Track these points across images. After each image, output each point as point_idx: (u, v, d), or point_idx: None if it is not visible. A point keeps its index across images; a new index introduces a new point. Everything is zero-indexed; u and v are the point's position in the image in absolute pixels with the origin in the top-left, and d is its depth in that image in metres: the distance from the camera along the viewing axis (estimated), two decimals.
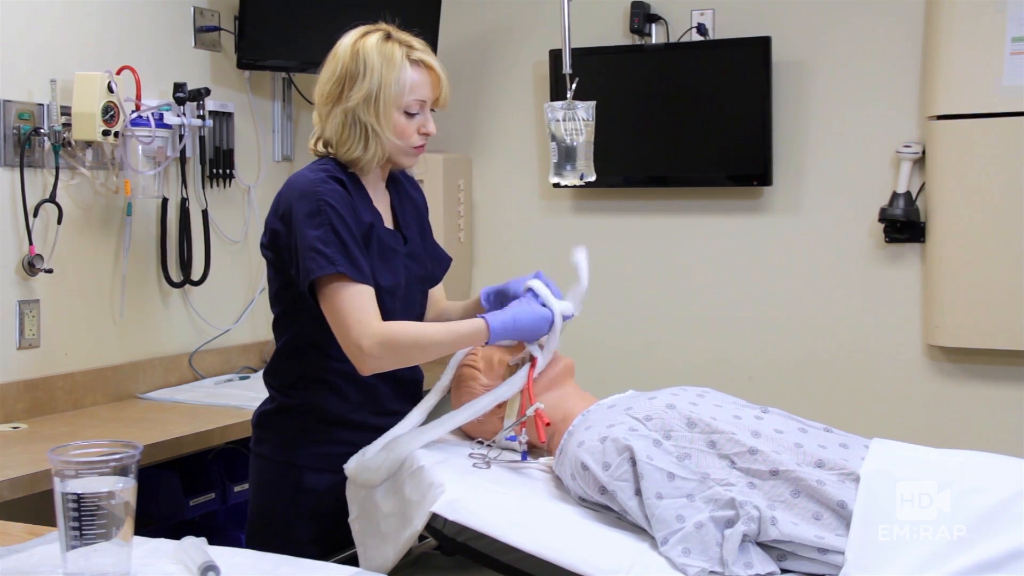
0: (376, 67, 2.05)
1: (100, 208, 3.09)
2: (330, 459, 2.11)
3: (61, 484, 1.35)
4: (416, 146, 2.12)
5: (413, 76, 2.08)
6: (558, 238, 3.79)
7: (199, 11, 3.42)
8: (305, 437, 2.13)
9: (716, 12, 3.52)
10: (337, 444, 2.11)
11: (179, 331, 3.38)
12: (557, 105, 2.30)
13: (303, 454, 2.13)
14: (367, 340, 1.94)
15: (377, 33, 2.10)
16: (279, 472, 2.15)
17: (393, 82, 2.05)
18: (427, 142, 2.14)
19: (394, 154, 2.12)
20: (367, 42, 2.08)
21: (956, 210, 3.17)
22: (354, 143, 2.08)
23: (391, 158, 2.13)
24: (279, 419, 2.16)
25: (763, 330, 3.52)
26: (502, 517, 1.82)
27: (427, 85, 2.10)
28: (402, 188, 2.27)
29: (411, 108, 2.09)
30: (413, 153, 2.14)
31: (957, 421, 3.28)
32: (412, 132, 2.10)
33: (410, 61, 2.08)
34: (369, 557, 2.01)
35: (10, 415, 2.80)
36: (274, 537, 2.09)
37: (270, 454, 2.17)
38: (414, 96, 2.08)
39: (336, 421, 2.12)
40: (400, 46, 2.08)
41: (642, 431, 1.86)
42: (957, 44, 3.13)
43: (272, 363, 2.20)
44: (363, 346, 1.94)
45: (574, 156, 2.31)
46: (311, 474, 2.12)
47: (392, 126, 2.07)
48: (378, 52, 2.06)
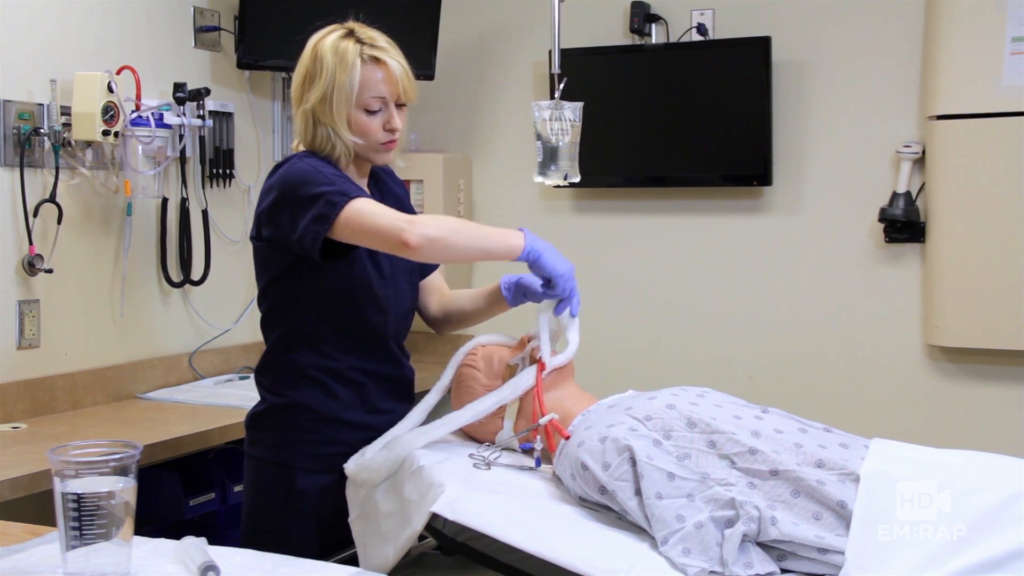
0: (329, 67, 2.06)
1: (100, 208, 3.09)
2: (322, 459, 2.11)
3: (61, 484, 1.35)
4: (383, 142, 2.11)
5: (367, 74, 2.06)
6: (558, 238, 3.74)
7: (199, 11, 3.42)
8: (296, 437, 2.13)
9: (716, 12, 3.53)
10: (329, 444, 2.11)
11: (179, 331, 3.38)
12: (544, 104, 2.30)
13: (295, 455, 2.13)
14: (412, 237, 1.92)
15: (338, 31, 2.10)
16: (272, 473, 2.15)
17: (345, 81, 2.05)
18: (398, 137, 2.12)
19: (362, 152, 2.12)
20: (325, 42, 2.09)
21: (956, 210, 3.17)
22: (322, 142, 2.09)
23: (361, 155, 2.13)
24: (270, 420, 2.16)
25: (763, 330, 3.52)
26: (502, 517, 1.82)
27: (383, 82, 2.08)
28: (384, 184, 2.27)
29: (370, 106, 2.08)
30: (382, 149, 2.13)
31: (957, 421, 3.28)
32: (376, 129, 2.09)
33: (364, 59, 2.06)
34: (369, 557, 2.01)
35: (10, 415, 2.80)
36: (268, 539, 2.07)
37: (262, 455, 2.18)
38: (370, 94, 2.07)
39: (327, 419, 2.12)
40: (356, 43, 2.07)
41: (642, 431, 1.86)
42: (957, 44, 3.13)
43: (263, 361, 2.19)
44: (409, 243, 1.93)
45: (559, 156, 2.31)
46: (303, 475, 2.12)
47: (350, 125, 2.07)
48: (332, 51, 2.06)
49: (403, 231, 1.92)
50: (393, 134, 2.11)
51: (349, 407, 2.13)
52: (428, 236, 1.94)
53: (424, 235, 1.93)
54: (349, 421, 2.12)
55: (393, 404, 2.18)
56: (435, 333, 2.42)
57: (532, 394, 2.10)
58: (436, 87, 3.71)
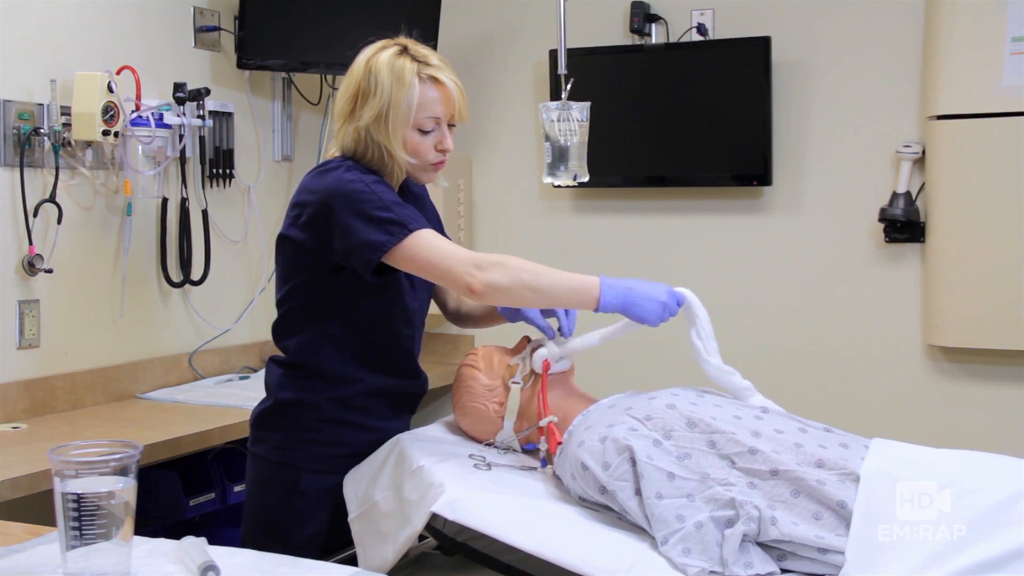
0: (386, 85, 2.02)
1: (100, 208, 3.09)
2: (327, 460, 2.11)
3: (61, 484, 1.35)
4: (434, 163, 2.09)
5: (425, 93, 2.04)
6: (558, 238, 3.79)
7: (199, 11, 3.42)
8: (303, 437, 2.13)
9: (716, 12, 3.53)
10: (333, 445, 2.11)
11: (179, 331, 3.38)
12: (552, 105, 2.31)
13: (300, 455, 2.12)
14: (478, 286, 1.93)
15: (392, 48, 2.06)
16: (276, 472, 2.15)
17: (403, 101, 2.02)
18: (447, 157, 2.11)
19: (411, 171, 2.09)
20: (380, 58, 2.05)
21: (956, 210, 3.17)
22: (373, 159, 2.06)
23: (409, 174, 2.11)
24: (276, 418, 2.16)
25: (763, 330, 3.52)
26: (502, 517, 1.82)
27: (439, 102, 2.06)
28: (423, 201, 2.25)
29: (424, 126, 2.05)
30: (431, 169, 2.11)
31: (957, 421, 3.28)
32: (428, 149, 2.07)
33: (421, 78, 2.04)
34: (369, 557, 2.01)
35: (10, 415, 2.80)
36: (268, 538, 2.07)
37: (267, 454, 2.17)
38: (426, 114, 2.05)
39: (334, 421, 2.12)
40: (412, 61, 2.04)
41: (642, 431, 1.86)
42: (957, 44, 3.13)
43: (277, 360, 2.17)
44: (475, 290, 1.93)
45: (567, 156, 2.32)
46: (308, 475, 2.12)
47: (405, 144, 2.04)
48: (389, 69, 2.03)
49: (470, 276, 1.92)
50: (444, 155, 2.10)
51: (357, 412, 2.12)
52: (495, 285, 1.93)
53: (490, 283, 1.93)
54: (356, 423, 2.13)
55: (402, 413, 2.19)
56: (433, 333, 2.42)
57: (534, 394, 2.10)
58: None
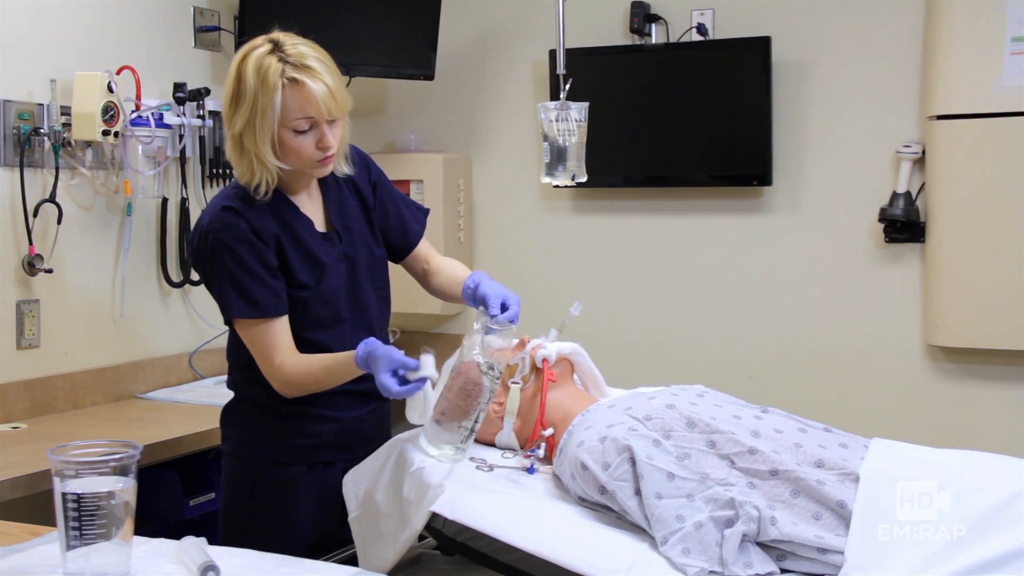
0: (252, 91, 1.95)
1: (100, 208, 3.09)
2: (288, 451, 2.12)
3: (61, 484, 1.35)
4: (318, 160, 2.01)
5: (290, 97, 1.95)
6: (558, 238, 3.79)
7: (199, 11, 3.42)
8: (262, 431, 2.13)
9: (716, 12, 3.52)
10: (294, 436, 2.12)
11: (179, 331, 3.38)
12: (550, 105, 2.31)
13: (260, 448, 2.14)
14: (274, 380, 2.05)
15: (262, 47, 1.99)
16: (240, 467, 2.17)
17: (268, 106, 1.95)
18: (333, 153, 2.01)
19: (297, 169, 2.03)
20: (248, 62, 1.98)
21: (956, 210, 3.17)
22: (243, 169, 2.02)
23: (302, 172, 2.05)
24: (238, 415, 2.19)
25: (763, 330, 3.52)
26: (502, 517, 1.82)
27: (308, 102, 1.95)
28: (331, 184, 2.17)
29: (299, 127, 1.97)
30: (319, 166, 2.03)
31: (957, 421, 3.28)
32: (309, 147, 1.99)
33: (285, 81, 1.94)
34: (369, 557, 2.01)
35: (10, 415, 2.80)
36: (241, 535, 2.02)
37: (231, 451, 2.20)
38: (296, 116, 1.96)
39: (291, 415, 2.11)
40: (279, 61, 1.96)
41: (642, 431, 1.86)
42: (957, 44, 3.13)
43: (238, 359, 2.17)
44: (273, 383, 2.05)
45: (566, 156, 2.32)
46: (269, 468, 2.13)
47: (282, 145, 1.98)
48: (255, 73, 1.96)
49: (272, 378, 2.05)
50: (326, 151, 2.01)
51: (316, 406, 2.12)
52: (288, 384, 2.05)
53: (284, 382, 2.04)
54: (315, 415, 2.12)
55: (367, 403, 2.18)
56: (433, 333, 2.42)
57: (534, 394, 2.11)
58: (436, 87, 3.71)
